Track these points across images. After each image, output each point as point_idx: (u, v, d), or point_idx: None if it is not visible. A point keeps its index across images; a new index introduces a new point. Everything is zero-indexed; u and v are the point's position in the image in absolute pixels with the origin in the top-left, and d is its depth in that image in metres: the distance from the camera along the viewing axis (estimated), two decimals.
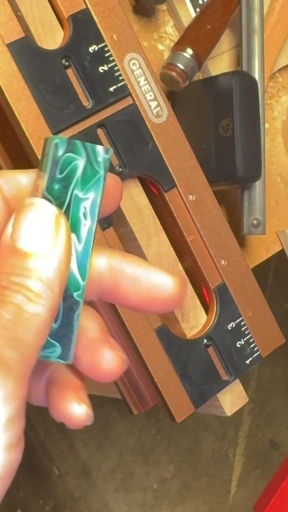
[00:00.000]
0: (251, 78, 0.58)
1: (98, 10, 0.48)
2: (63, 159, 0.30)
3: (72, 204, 0.30)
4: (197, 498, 1.44)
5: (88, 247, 0.30)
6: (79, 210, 0.30)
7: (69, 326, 0.30)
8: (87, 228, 0.30)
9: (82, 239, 0.30)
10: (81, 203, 0.30)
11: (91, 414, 0.30)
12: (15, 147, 0.49)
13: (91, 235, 0.30)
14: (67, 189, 0.30)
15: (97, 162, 0.30)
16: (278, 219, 0.67)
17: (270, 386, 1.51)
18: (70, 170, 0.30)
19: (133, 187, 0.50)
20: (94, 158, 0.30)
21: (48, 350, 0.29)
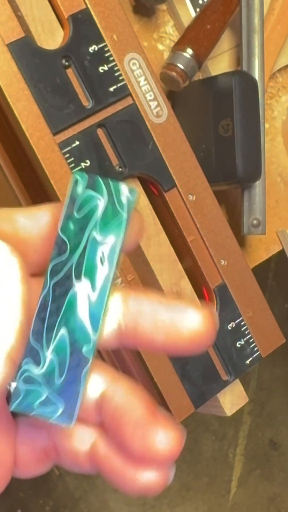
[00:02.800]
0: (251, 78, 0.58)
1: (98, 10, 0.48)
2: (83, 197, 0.27)
3: (88, 247, 0.27)
4: (197, 498, 1.44)
5: (103, 297, 0.27)
6: (96, 254, 0.27)
7: (75, 383, 0.27)
8: (103, 276, 0.27)
9: (97, 288, 0.27)
10: (99, 247, 0.27)
11: (181, 432, 0.27)
12: (15, 147, 0.49)
13: (107, 283, 0.27)
14: (84, 230, 0.27)
15: (120, 203, 0.27)
16: (278, 219, 0.67)
17: (270, 386, 1.51)
18: (89, 210, 0.27)
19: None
20: (117, 198, 0.27)
21: (47, 408, 0.27)
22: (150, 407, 0.27)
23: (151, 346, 0.27)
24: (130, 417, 0.27)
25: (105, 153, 0.48)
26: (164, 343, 0.27)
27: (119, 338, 0.28)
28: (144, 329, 0.27)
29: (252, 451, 1.49)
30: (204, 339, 0.27)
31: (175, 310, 0.27)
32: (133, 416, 0.27)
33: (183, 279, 0.51)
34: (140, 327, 0.27)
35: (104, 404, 0.28)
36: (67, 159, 0.46)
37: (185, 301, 0.27)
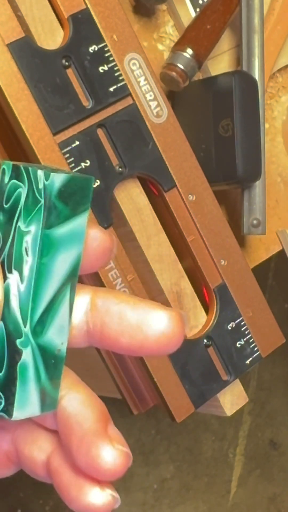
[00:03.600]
0: (251, 78, 0.58)
1: (98, 10, 0.48)
2: (9, 187, 0.26)
3: (16, 238, 0.26)
4: (197, 498, 1.44)
5: (29, 288, 0.26)
6: (22, 245, 0.26)
7: (12, 377, 0.26)
8: (28, 266, 0.26)
9: (25, 278, 0.26)
10: (24, 236, 0.26)
11: (117, 496, 0.26)
12: (15, 147, 0.49)
13: (32, 273, 0.26)
14: (12, 220, 0.26)
15: (38, 190, 0.26)
16: (278, 219, 0.67)
17: (270, 386, 1.51)
18: (14, 199, 0.26)
19: (133, 187, 0.50)
20: (35, 185, 0.26)
21: None
22: (102, 421, 0.26)
23: (116, 347, 0.27)
24: (79, 428, 0.26)
25: (105, 153, 0.48)
26: (129, 344, 0.26)
27: (87, 337, 0.27)
28: (109, 329, 0.26)
29: (252, 451, 1.49)
30: (170, 341, 0.26)
31: (142, 311, 0.26)
32: (82, 428, 0.26)
33: (183, 279, 0.51)
34: (106, 327, 0.27)
35: (59, 411, 0.27)
36: (67, 159, 0.46)
37: (152, 302, 0.27)
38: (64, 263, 0.27)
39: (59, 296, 0.27)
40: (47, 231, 0.26)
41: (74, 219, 0.27)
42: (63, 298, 0.27)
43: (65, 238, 0.27)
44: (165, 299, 0.51)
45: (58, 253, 0.26)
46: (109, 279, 0.47)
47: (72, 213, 0.27)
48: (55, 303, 0.27)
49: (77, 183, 0.27)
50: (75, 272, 0.27)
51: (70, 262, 0.27)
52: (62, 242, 0.27)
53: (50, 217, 0.26)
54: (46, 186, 0.26)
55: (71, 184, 0.27)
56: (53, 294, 0.27)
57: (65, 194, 0.26)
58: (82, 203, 0.27)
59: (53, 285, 0.27)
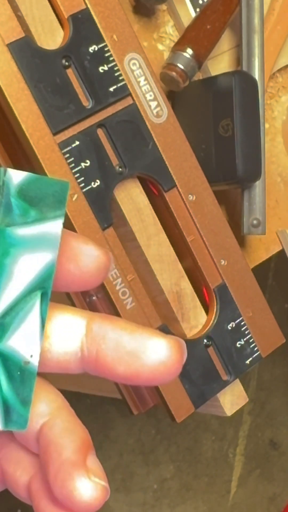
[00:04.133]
0: (251, 78, 0.58)
1: (98, 10, 0.48)
2: None
3: None
4: (197, 498, 1.44)
5: None
6: None
7: None
8: None
9: None
10: None
11: (107, 486, 0.24)
12: (15, 147, 0.49)
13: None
14: None
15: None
16: (278, 219, 0.67)
17: (270, 386, 1.51)
18: None
19: (133, 187, 0.50)
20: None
21: None
22: (81, 451, 0.25)
23: (112, 375, 0.25)
24: (57, 456, 0.24)
25: (105, 153, 0.48)
26: (126, 372, 0.25)
27: (81, 364, 0.26)
28: (105, 357, 0.25)
29: (252, 451, 1.49)
30: (169, 371, 0.25)
31: (140, 339, 0.25)
32: (61, 457, 0.24)
33: (183, 279, 0.51)
34: (102, 354, 0.25)
35: (41, 436, 0.25)
36: (67, 159, 0.46)
37: (151, 330, 0.25)
38: (31, 267, 0.25)
39: (26, 303, 0.25)
40: (5, 228, 0.25)
41: (44, 222, 0.25)
42: (31, 306, 0.25)
43: (32, 240, 0.25)
44: (165, 299, 0.51)
45: (21, 254, 0.25)
46: (109, 279, 0.47)
47: (42, 216, 0.25)
48: (20, 309, 0.25)
49: (47, 186, 0.26)
50: (47, 280, 0.25)
51: (39, 268, 0.25)
52: (27, 244, 0.25)
53: (11, 215, 0.25)
54: (4, 183, 0.25)
55: (37, 184, 0.25)
56: (17, 298, 0.25)
57: (29, 194, 0.25)
58: (55, 208, 0.26)
59: (16, 288, 0.25)
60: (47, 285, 0.25)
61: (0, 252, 0.25)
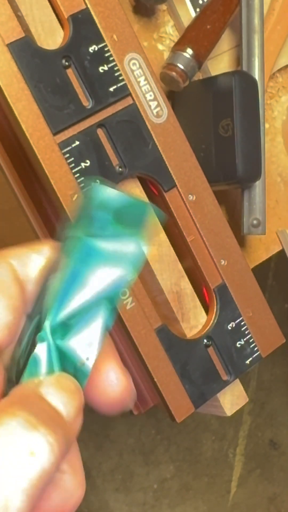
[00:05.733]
0: (251, 78, 0.58)
1: (98, 10, 0.48)
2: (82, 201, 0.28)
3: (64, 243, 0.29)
4: (197, 498, 1.44)
5: (62, 284, 0.27)
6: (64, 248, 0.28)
7: (23, 367, 0.27)
8: (64, 263, 0.28)
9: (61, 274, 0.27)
10: (67, 241, 0.28)
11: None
12: (15, 147, 0.49)
13: (65, 271, 0.27)
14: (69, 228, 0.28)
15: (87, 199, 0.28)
16: (278, 219, 0.67)
17: (270, 386, 1.51)
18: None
19: (133, 187, 0.50)
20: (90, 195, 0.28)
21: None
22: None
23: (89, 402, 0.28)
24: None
25: (105, 153, 0.48)
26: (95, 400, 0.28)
27: None
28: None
29: (252, 451, 1.49)
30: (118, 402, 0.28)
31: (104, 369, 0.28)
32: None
33: (183, 279, 0.51)
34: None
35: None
36: (67, 159, 0.46)
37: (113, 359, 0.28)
38: (103, 279, 0.27)
39: (92, 310, 0.27)
40: (86, 238, 0.27)
41: (123, 239, 0.27)
42: (96, 314, 0.27)
43: (109, 254, 0.27)
44: (165, 299, 0.51)
45: (96, 264, 0.27)
46: None
47: (123, 234, 0.27)
48: (85, 315, 0.27)
49: (129, 205, 0.27)
50: (115, 296, 0.27)
51: (110, 282, 0.27)
52: (103, 256, 0.27)
53: (96, 227, 0.27)
54: (94, 196, 0.27)
55: (120, 201, 0.27)
56: (84, 304, 0.27)
57: (114, 210, 0.27)
58: (135, 227, 0.27)
59: (85, 294, 0.27)
60: (115, 299, 0.27)
61: (79, 258, 0.26)
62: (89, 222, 0.27)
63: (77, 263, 0.27)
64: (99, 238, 0.27)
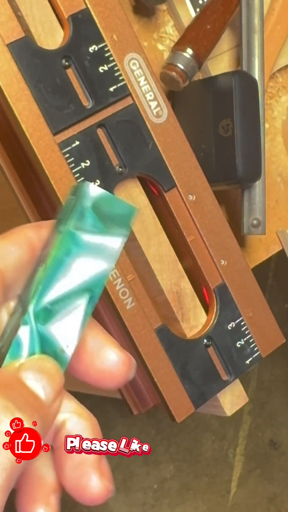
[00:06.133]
0: (251, 78, 0.58)
1: (98, 10, 0.48)
2: (68, 200, 0.30)
3: (52, 233, 0.30)
4: (197, 498, 1.44)
5: (46, 270, 0.29)
6: (53, 237, 0.30)
7: (6, 349, 0.28)
8: (51, 252, 0.29)
9: (47, 261, 0.29)
10: (55, 231, 0.30)
11: (113, 487, 0.29)
12: (15, 147, 0.49)
13: (52, 259, 0.29)
14: (58, 223, 0.30)
15: (78, 197, 0.30)
16: (278, 219, 0.67)
17: (270, 386, 1.51)
18: (65, 207, 0.31)
19: (133, 187, 0.50)
20: (79, 193, 0.30)
21: None
22: (98, 454, 0.29)
23: (86, 378, 0.30)
24: (75, 456, 0.29)
25: (105, 153, 0.48)
26: (94, 375, 0.30)
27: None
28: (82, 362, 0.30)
29: (252, 451, 1.49)
30: (119, 377, 0.30)
31: (105, 348, 0.30)
32: (78, 457, 0.29)
33: (183, 279, 0.51)
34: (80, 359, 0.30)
35: (60, 432, 0.29)
36: (67, 159, 0.46)
37: (113, 341, 0.30)
38: (85, 270, 0.28)
39: (74, 299, 0.28)
40: (73, 231, 0.28)
41: (107, 236, 0.29)
42: (77, 304, 0.28)
43: (93, 247, 0.28)
44: (165, 299, 0.51)
45: (80, 256, 0.28)
46: (109, 279, 0.47)
47: (107, 231, 0.29)
48: (67, 303, 0.28)
49: (118, 206, 0.29)
50: (97, 287, 0.29)
51: (92, 274, 0.28)
52: (87, 249, 0.28)
53: (82, 221, 0.28)
54: (82, 193, 0.29)
55: (110, 203, 0.29)
56: (67, 292, 0.28)
57: (101, 208, 0.29)
58: (120, 227, 0.29)
59: (67, 283, 0.28)
60: (96, 291, 0.29)
61: (64, 250, 0.28)
62: (77, 216, 0.29)
63: (62, 253, 0.28)
64: (84, 232, 0.28)
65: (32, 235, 0.30)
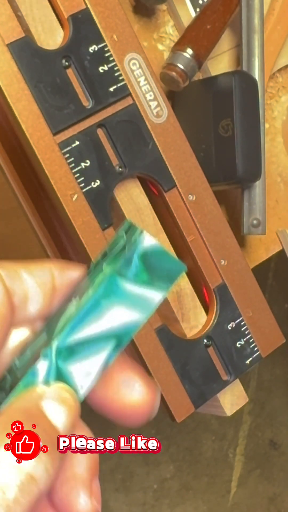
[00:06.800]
0: (251, 78, 0.58)
1: (98, 10, 0.48)
2: (117, 237, 0.30)
3: (96, 272, 0.29)
4: (197, 498, 1.44)
5: (78, 309, 0.29)
6: (95, 279, 0.29)
7: (19, 377, 0.28)
8: (88, 292, 0.29)
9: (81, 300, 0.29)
10: (99, 273, 0.29)
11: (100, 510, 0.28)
12: (15, 147, 0.49)
13: (86, 299, 0.28)
14: (103, 261, 0.29)
15: (129, 242, 0.29)
16: (278, 219, 0.67)
17: (270, 386, 1.51)
18: (115, 247, 0.29)
19: (133, 187, 0.50)
20: (130, 238, 0.29)
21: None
22: (92, 472, 0.28)
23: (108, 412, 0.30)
24: (72, 466, 0.28)
25: (105, 153, 0.48)
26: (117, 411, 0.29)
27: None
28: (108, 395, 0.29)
29: (252, 451, 1.49)
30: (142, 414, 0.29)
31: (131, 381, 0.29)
32: (73, 470, 0.28)
33: (183, 279, 0.51)
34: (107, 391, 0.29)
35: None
36: (67, 159, 0.46)
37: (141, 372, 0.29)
38: (118, 318, 0.28)
39: (98, 344, 0.28)
40: (116, 276, 0.28)
41: (149, 288, 0.28)
42: (101, 349, 0.28)
43: (131, 297, 0.28)
44: (165, 299, 0.51)
45: (117, 303, 0.28)
46: None
47: (150, 283, 0.28)
48: (92, 346, 0.28)
49: (167, 260, 0.29)
50: (126, 336, 0.28)
51: (124, 323, 0.28)
52: (126, 298, 0.28)
53: (126, 269, 0.28)
54: (134, 240, 0.28)
55: (160, 255, 0.28)
56: (93, 336, 0.28)
57: (149, 260, 0.28)
58: (164, 281, 0.28)
59: (96, 327, 0.28)
60: (124, 340, 0.28)
61: (102, 292, 0.28)
62: (124, 262, 0.28)
63: (99, 296, 0.28)
64: (127, 280, 0.28)
65: (56, 273, 0.29)
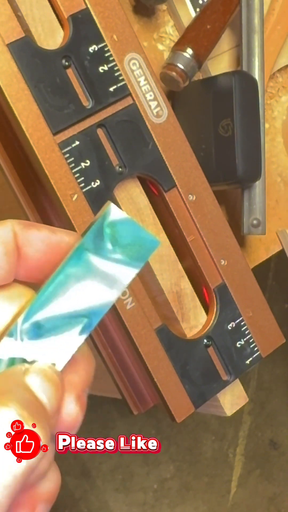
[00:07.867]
0: (251, 78, 0.58)
1: (98, 10, 0.48)
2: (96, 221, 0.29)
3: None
4: (197, 498, 1.44)
5: (47, 282, 0.29)
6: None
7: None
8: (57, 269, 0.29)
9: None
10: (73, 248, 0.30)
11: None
12: (15, 147, 0.49)
13: (55, 275, 0.28)
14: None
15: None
16: (278, 219, 0.67)
17: (270, 386, 1.51)
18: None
19: (133, 187, 0.50)
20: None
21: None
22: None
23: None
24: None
25: (105, 153, 0.48)
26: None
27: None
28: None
29: (252, 451, 1.49)
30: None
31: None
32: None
33: (183, 279, 0.51)
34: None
35: None
36: (67, 159, 0.46)
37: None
38: (87, 295, 0.27)
39: (69, 321, 0.27)
40: (84, 251, 0.27)
41: (120, 265, 0.27)
42: (71, 326, 0.27)
43: (101, 273, 0.27)
44: (165, 299, 0.51)
45: (86, 279, 0.27)
46: None
47: (121, 259, 0.27)
48: (62, 323, 0.27)
49: (139, 235, 0.28)
50: (96, 315, 0.28)
51: (94, 301, 0.27)
52: (95, 274, 0.27)
53: (96, 243, 0.27)
54: (103, 213, 0.27)
55: (131, 230, 0.28)
56: (64, 313, 0.27)
57: (119, 233, 0.27)
58: (137, 257, 0.28)
59: (68, 304, 0.27)
60: (94, 318, 0.28)
61: (71, 268, 0.27)
62: (91, 236, 0.27)
63: (71, 273, 0.27)
64: (99, 256, 0.27)
65: (18, 230, 0.29)
